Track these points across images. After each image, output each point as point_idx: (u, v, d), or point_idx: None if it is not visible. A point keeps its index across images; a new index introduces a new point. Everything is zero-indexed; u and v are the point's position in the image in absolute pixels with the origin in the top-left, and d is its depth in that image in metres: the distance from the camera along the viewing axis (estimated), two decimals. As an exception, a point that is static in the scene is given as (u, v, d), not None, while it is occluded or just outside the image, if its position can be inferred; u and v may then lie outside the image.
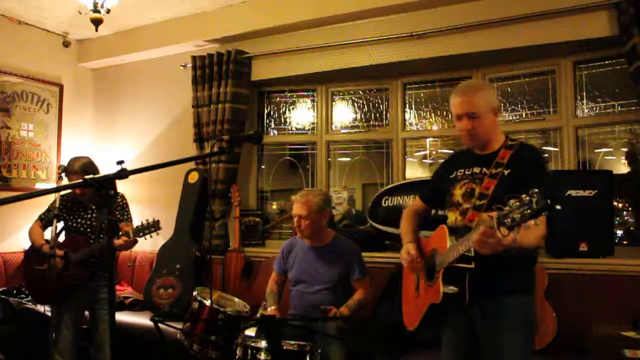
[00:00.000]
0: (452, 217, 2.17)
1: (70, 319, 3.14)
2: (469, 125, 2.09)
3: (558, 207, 1.59)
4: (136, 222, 3.20)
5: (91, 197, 3.20)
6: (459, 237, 2.00)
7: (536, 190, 1.60)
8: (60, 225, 3.31)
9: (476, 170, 2.15)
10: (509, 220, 1.65)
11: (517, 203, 1.64)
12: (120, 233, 3.09)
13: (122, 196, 3.33)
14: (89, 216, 3.21)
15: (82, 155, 3.32)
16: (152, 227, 3.10)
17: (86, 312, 3.27)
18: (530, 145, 2.29)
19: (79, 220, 3.20)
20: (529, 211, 1.60)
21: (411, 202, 2.52)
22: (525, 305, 2.09)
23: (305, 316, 2.92)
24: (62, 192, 3.29)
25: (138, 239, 3.07)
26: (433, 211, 2.55)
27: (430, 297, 2.10)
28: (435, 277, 2.07)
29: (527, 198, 1.61)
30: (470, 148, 2.22)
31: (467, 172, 2.18)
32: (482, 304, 2.03)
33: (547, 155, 3.75)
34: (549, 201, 1.55)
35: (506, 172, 2.06)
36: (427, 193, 2.45)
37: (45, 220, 3.29)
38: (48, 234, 3.30)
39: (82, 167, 3.12)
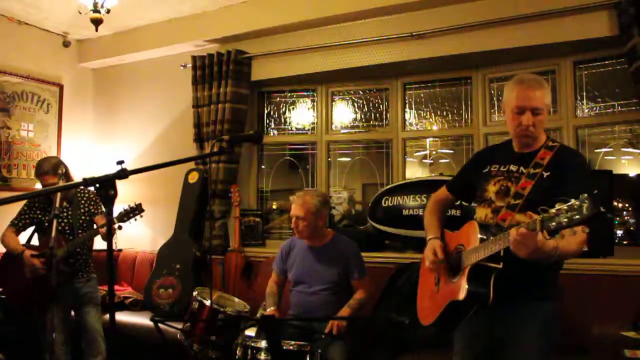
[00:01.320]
0: (482, 213, 2.11)
1: (60, 320, 3.14)
2: (531, 121, 2.00)
3: (610, 215, 1.55)
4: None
5: (64, 196, 3.21)
6: (489, 234, 1.94)
7: (586, 195, 1.54)
8: (32, 228, 3.35)
9: (513, 168, 2.09)
10: (554, 224, 1.59)
11: (565, 207, 1.58)
12: (96, 226, 3.17)
13: (93, 192, 3.34)
14: (64, 214, 3.21)
15: (52, 155, 3.35)
16: (135, 210, 3.12)
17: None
18: (572, 148, 2.22)
19: (57, 219, 3.19)
20: (578, 217, 1.54)
21: (438, 191, 2.43)
22: (551, 312, 2.04)
23: (305, 316, 2.92)
24: (32, 196, 3.33)
25: (122, 224, 3.09)
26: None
27: (451, 294, 2.02)
28: (460, 274, 2.00)
29: (577, 203, 1.55)
30: (517, 144, 2.13)
31: (502, 169, 2.12)
32: (506, 307, 1.97)
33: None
34: (602, 209, 1.51)
35: (545, 174, 1.99)
36: (455, 184, 2.37)
37: (19, 226, 3.29)
38: (22, 238, 3.33)
39: (53, 167, 3.15)
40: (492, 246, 1.87)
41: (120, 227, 3.12)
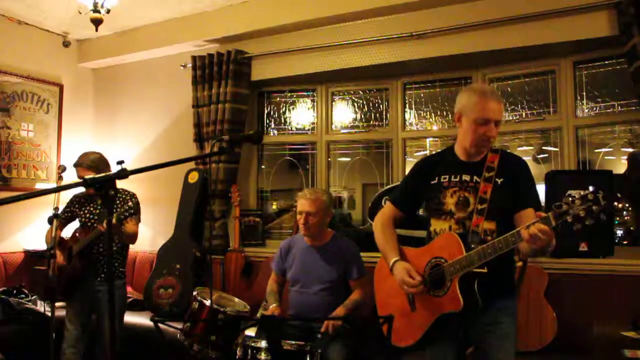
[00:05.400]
0: (444, 225, 2.11)
1: (75, 315, 3.15)
2: (494, 132, 2.06)
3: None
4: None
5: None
6: (472, 243, 1.98)
7: (592, 188, 1.64)
8: (76, 222, 3.37)
9: (465, 177, 2.11)
10: (569, 217, 1.67)
11: (578, 201, 1.65)
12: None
13: (133, 195, 3.34)
14: (97, 211, 3.24)
15: (93, 150, 3.38)
16: (131, 209, 3.11)
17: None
18: (512, 153, 2.29)
19: (88, 215, 3.26)
20: (596, 207, 1.63)
21: (384, 210, 2.41)
22: (515, 309, 2.16)
23: (305, 316, 2.92)
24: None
25: (125, 224, 3.07)
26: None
27: (440, 307, 2.04)
28: (449, 285, 2.01)
29: (591, 195, 1.63)
30: (466, 153, 2.16)
31: (454, 179, 2.13)
32: (482, 312, 2.01)
33: (547, 155, 3.75)
34: (619, 195, 1.62)
35: (499, 180, 2.06)
36: (406, 200, 2.33)
37: (62, 220, 3.32)
38: (65, 232, 3.35)
39: (91, 162, 3.20)
40: (489, 250, 1.90)
41: (121, 225, 3.10)
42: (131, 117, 5.08)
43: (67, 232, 3.39)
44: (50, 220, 3.16)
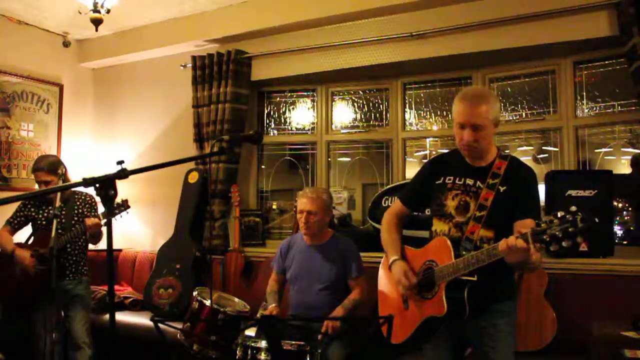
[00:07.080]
0: (444, 227, 2.11)
1: (47, 319, 3.11)
2: (471, 137, 2.00)
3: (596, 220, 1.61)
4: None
5: (61, 195, 3.22)
6: (462, 249, 1.98)
7: (574, 208, 1.61)
8: (29, 226, 3.34)
9: (469, 182, 2.09)
10: (546, 236, 1.65)
11: (556, 220, 1.63)
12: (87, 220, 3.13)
13: (91, 196, 3.35)
14: (59, 213, 3.22)
15: (52, 154, 3.37)
16: (121, 207, 3.12)
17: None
18: (522, 161, 2.23)
19: (48, 217, 3.21)
20: (572, 229, 1.60)
21: (392, 206, 2.42)
22: (514, 309, 2.15)
23: (305, 316, 2.92)
24: (31, 195, 3.34)
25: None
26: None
27: (427, 310, 2.05)
28: (437, 290, 2.01)
29: (569, 216, 1.61)
30: (466, 156, 2.13)
31: (458, 182, 2.11)
32: (476, 314, 2.01)
33: (547, 155, 3.75)
34: (596, 220, 1.57)
35: (502, 188, 2.03)
36: (412, 197, 2.34)
37: (14, 225, 3.29)
38: (20, 237, 3.33)
39: (50, 164, 3.17)
40: (472, 260, 1.89)
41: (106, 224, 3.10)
42: (131, 117, 5.08)
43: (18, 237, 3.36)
44: (50, 220, 3.16)
